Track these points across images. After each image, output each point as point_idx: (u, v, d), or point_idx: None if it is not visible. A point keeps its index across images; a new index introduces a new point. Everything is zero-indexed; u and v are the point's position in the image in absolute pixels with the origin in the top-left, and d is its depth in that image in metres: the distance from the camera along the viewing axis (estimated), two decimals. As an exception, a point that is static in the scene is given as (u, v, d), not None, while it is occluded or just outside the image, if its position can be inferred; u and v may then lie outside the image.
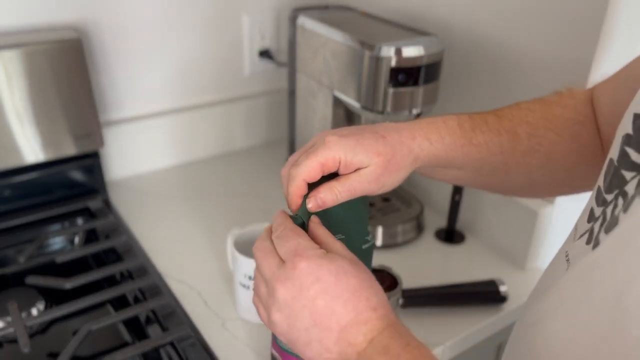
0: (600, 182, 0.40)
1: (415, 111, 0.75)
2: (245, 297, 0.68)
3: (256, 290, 0.45)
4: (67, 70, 0.81)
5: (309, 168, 0.46)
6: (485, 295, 0.73)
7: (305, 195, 0.47)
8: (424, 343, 0.39)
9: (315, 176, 0.46)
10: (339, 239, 0.46)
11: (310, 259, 0.41)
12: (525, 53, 0.75)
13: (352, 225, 0.49)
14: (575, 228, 0.43)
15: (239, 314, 0.70)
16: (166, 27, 0.97)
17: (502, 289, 0.72)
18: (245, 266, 0.65)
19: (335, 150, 0.46)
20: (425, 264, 0.82)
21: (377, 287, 0.42)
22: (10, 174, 0.83)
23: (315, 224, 0.46)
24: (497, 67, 0.79)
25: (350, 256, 0.43)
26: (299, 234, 0.44)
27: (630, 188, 0.35)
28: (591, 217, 0.39)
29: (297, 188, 0.46)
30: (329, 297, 0.40)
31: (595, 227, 0.37)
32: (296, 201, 0.47)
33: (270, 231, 0.47)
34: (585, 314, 0.34)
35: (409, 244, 0.85)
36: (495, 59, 0.79)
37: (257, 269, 0.45)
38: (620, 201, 0.36)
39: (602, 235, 0.36)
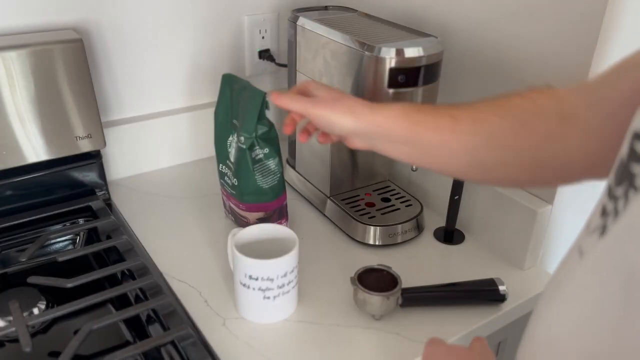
0: (610, 180, 0.41)
1: (414, 112, 0.75)
2: (245, 297, 0.68)
3: None
4: (69, 71, 0.81)
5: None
6: (484, 294, 0.73)
7: None
8: (424, 342, 0.39)
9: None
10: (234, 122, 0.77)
11: None
12: (525, 53, 0.75)
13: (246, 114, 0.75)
14: (588, 225, 0.44)
15: (240, 313, 0.71)
16: (167, 28, 0.97)
17: (502, 288, 0.72)
18: (246, 266, 0.66)
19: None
20: (425, 263, 0.82)
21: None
22: (12, 173, 0.84)
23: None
24: (496, 67, 0.79)
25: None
26: None
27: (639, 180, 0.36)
28: (604, 212, 0.40)
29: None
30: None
31: (609, 221, 0.38)
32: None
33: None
34: (594, 304, 0.35)
35: (409, 244, 0.86)
36: (495, 59, 0.79)
37: None
38: (632, 193, 0.36)
39: (611, 223, 0.36)
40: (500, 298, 0.73)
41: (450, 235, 0.87)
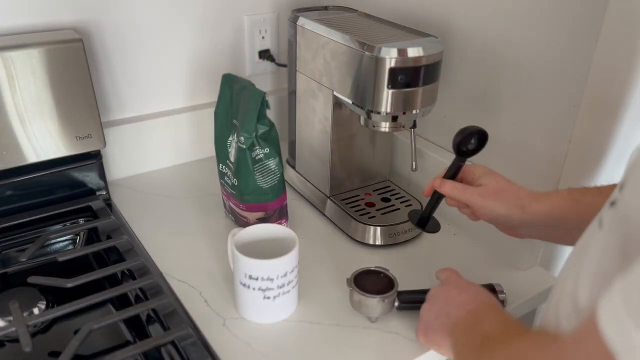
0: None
1: (414, 112, 0.76)
2: (245, 297, 0.68)
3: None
4: (69, 71, 0.81)
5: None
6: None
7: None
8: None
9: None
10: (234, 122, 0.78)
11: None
12: (525, 53, 0.75)
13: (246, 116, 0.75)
14: (608, 200, 0.45)
15: (240, 313, 0.71)
16: (167, 28, 0.97)
17: (501, 296, 0.70)
18: (246, 266, 0.66)
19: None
20: (425, 264, 0.82)
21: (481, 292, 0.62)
22: (12, 173, 0.84)
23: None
24: (496, 67, 0.79)
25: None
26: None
27: None
28: (620, 188, 0.42)
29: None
30: (456, 291, 0.62)
31: (618, 193, 0.40)
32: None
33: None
34: (600, 264, 0.38)
35: (409, 244, 0.86)
36: (495, 59, 0.79)
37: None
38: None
39: (618, 194, 0.39)
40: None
41: (425, 220, 0.76)
